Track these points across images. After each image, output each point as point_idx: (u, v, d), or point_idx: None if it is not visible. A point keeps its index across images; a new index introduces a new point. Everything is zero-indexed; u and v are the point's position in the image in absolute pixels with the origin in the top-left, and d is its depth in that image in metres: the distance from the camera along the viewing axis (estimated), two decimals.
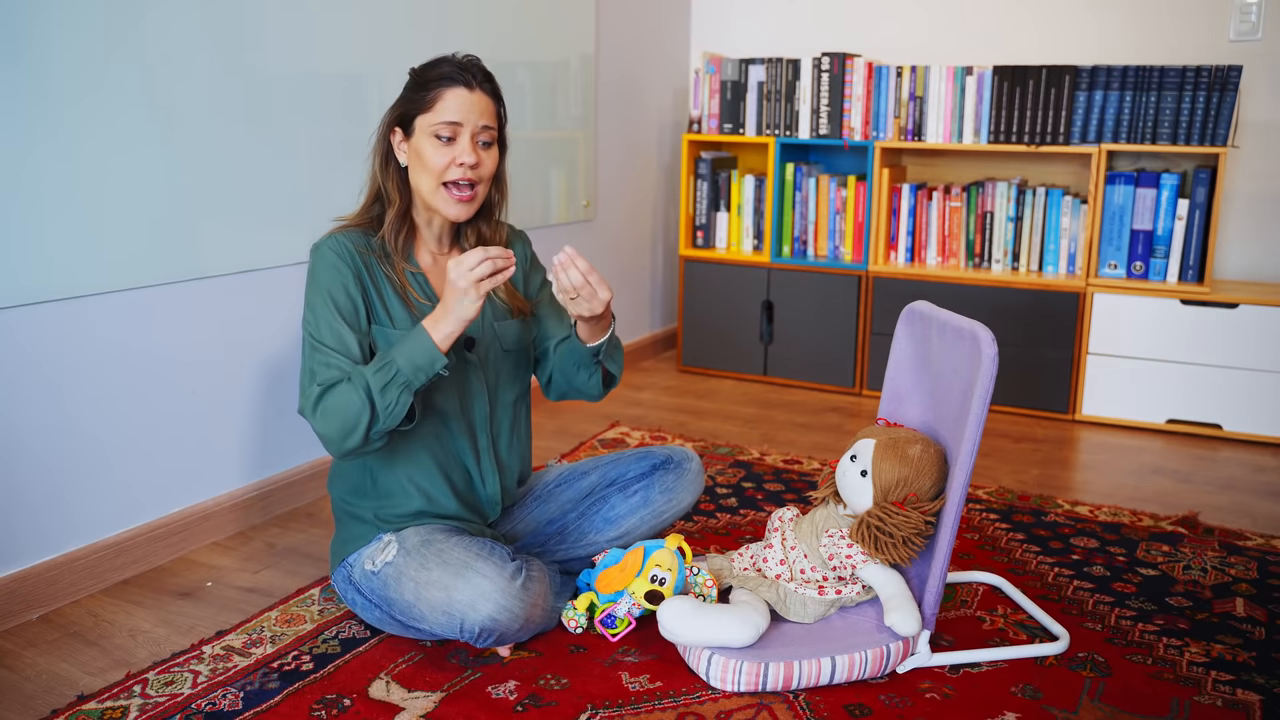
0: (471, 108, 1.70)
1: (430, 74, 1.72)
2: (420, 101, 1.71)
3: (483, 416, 1.82)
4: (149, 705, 1.55)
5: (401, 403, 1.59)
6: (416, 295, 1.75)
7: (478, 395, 1.81)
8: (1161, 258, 3.04)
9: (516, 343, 1.87)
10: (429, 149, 1.70)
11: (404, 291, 1.74)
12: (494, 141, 1.75)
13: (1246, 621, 1.86)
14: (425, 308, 1.75)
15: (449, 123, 1.69)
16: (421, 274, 1.78)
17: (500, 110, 1.77)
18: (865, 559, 1.68)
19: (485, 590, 1.59)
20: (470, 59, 1.74)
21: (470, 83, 1.71)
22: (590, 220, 3.42)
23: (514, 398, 1.88)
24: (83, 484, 1.94)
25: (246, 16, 2.13)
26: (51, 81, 1.79)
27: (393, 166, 1.77)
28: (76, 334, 1.90)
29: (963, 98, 3.21)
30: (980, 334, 1.62)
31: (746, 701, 1.58)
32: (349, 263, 1.70)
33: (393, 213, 1.75)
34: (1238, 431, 2.94)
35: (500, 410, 1.85)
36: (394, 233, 1.75)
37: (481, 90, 1.72)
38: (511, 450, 1.89)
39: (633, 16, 3.57)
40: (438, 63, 1.73)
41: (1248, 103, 3.10)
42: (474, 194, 1.73)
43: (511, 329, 1.85)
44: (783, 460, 2.71)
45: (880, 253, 3.37)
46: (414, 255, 1.79)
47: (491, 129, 1.73)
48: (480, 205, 1.79)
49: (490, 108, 1.73)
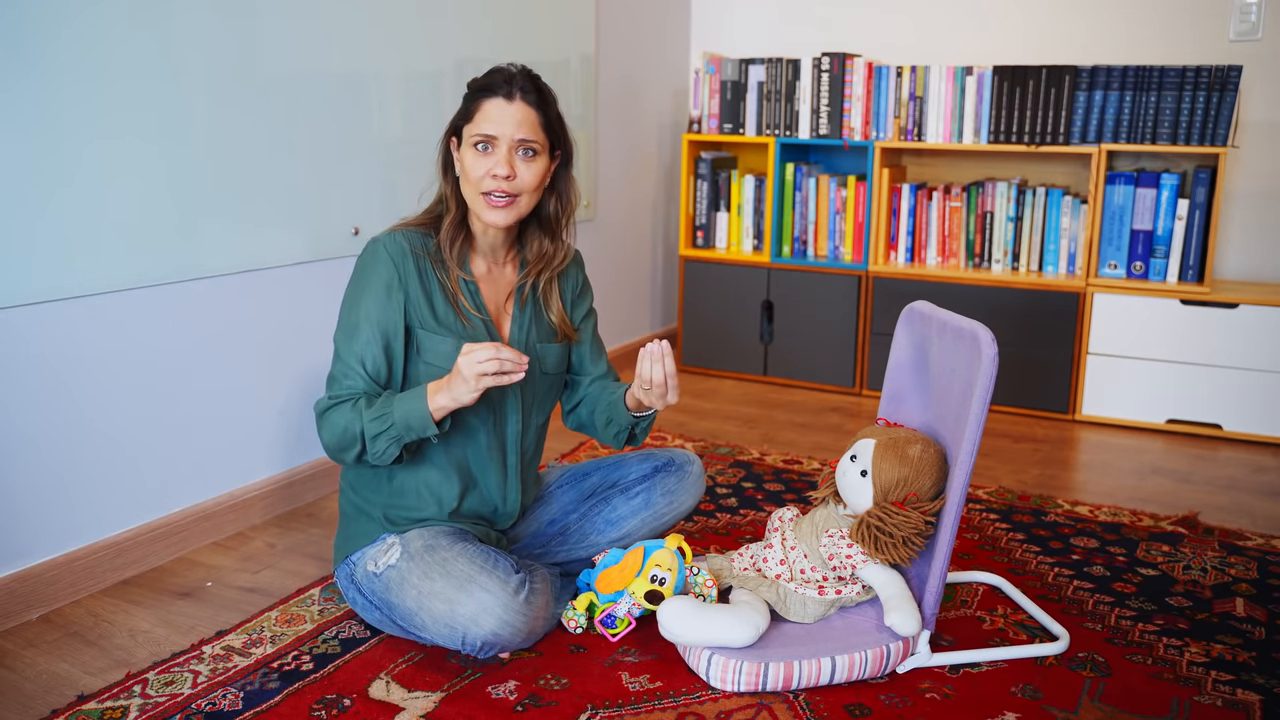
0: (508, 119, 1.68)
1: (476, 84, 1.74)
2: (465, 112, 1.73)
3: (515, 435, 1.82)
4: (149, 705, 1.55)
5: (389, 453, 1.64)
6: (467, 305, 1.75)
7: (512, 414, 1.80)
8: (1161, 258, 3.04)
9: (556, 366, 1.87)
10: (469, 158, 1.71)
11: (454, 299, 1.74)
12: (539, 152, 1.72)
13: (1246, 621, 1.86)
14: (474, 319, 1.75)
15: (483, 135, 1.69)
16: (474, 283, 1.78)
17: (546, 120, 1.73)
18: (865, 559, 1.68)
19: (489, 605, 1.59)
20: (517, 68, 1.74)
21: (511, 93, 1.69)
22: (590, 220, 3.42)
23: (545, 419, 1.89)
24: (83, 484, 1.94)
25: (246, 15, 2.13)
26: (52, 81, 1.79)
27: (451, 175, 1.78)
28: (77, 334, 1.89)
29: (963, 98, 3.21)
30: (980, 334, 1.62)
31: (746, 701, 1.58)
32: (400, 264, 1.71)
33: (449, 220, 1.76)
34: (1238, 431, 2.94)
35: (531, 430, 1.85)
36: (450, 240, 1.75)
37: (524, 101, 1.70)
38: (533, 470, 1.90)
39: (633, 16, 3.57)
40: (488, 73, 1.74)
41: (1248, 103, 3.10)
42: (512, 201, 1.71)
43: (553, 352, 1.85)
44: (783, 460, 2.71)
45: (880, 253, 3.37)
46: (469, 263, 1.79)
47: (532, 141, 1.70)
48: (528, 214, 1.77)
49: (532, 118, 1.70)
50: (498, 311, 1.81)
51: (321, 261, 2.37)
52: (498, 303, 1.81)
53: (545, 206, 1.82)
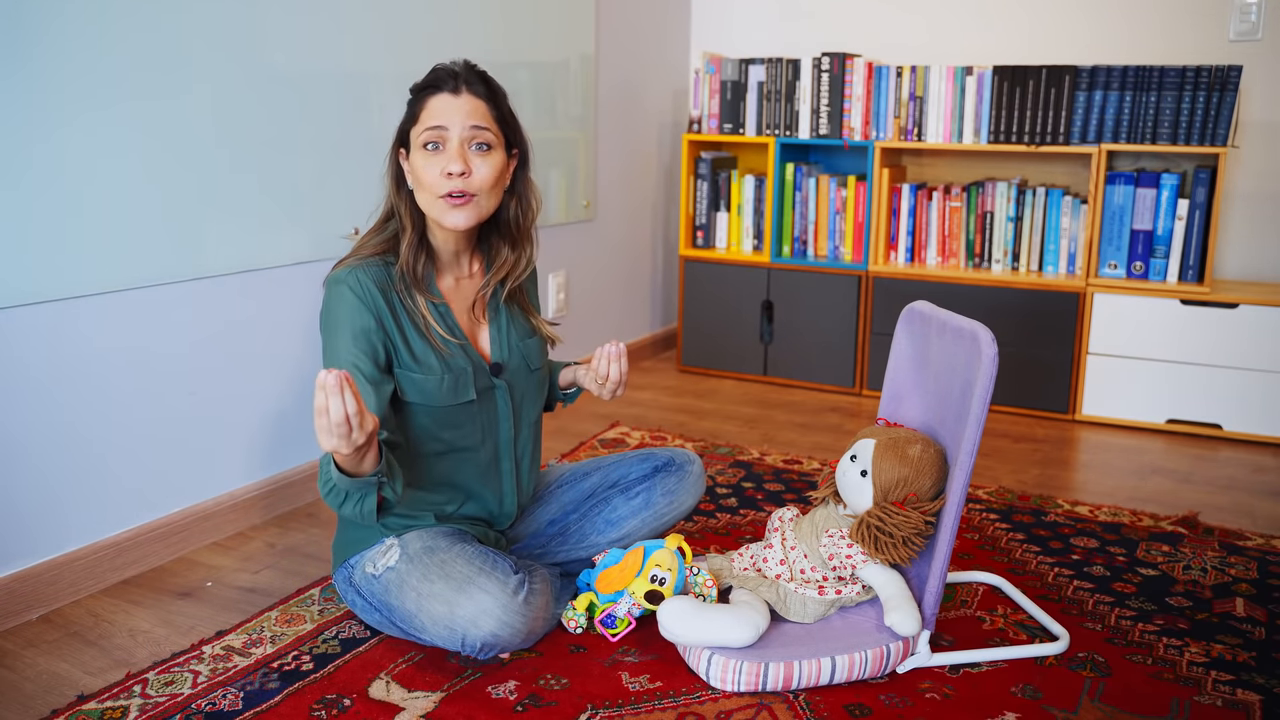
0: (456, 110, 1.62)
1: (419, 84, 1.67)
2: (411, 114, 1.67)
3: (508, 439, 1.80)
4: (149, 705, 1.55)
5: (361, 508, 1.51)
6: (441, 330, 1.68)
7: (504, 419, 1.78)
8: (1161, 258, 3.04)
9: (540, 359, 1.85)
10: (420, 162, 1.63)
11: (427, 328, 1.67)
12: (492, 146, 1.65)
13: (1246, 621, 1.86)
14: (451, 344, 1.69)
15: (432, 128, 1.62)
16: (444, 304, 1.72)
17: (497, 112, 1.67)
18: (865, 559, 1.68)
19: (488, 607, 1.58)
20: (459, 62, 1.67)
21: (457, 88, 1.63)
22: (590, 220, 3.42)
23: (536, 416, 1.87)
24: (83, 484, 1.94)
25: (247, 15, 2.13)
26: (50, 80, 1.79)
27: (404, 191, 1.70)
28: (77, 334, 1.89)
29: (963, 98, 3.21)
30: (980, 334, 1.62)
31: (746, 701, 1.58)
32: (370, 305, 1.62)
33: (406, 241, 1.67)
34: (1238, 431, 2.94)
35: (524, 430, 1.83)
36: (411, 263, 1.67)
37: (470, 93, 1.64)
38: (532, 468, 1.88)
39: (633, 17, 3.57)
40: (430, 72, 1.67)
41: (1248, 103, 3.10)
42: (470, 200, 1.64)
43: (535, 346, 1.83)
44: (783, 460, 2.71)
45: (880, 253, 3.37)
46: (435, 283, 1.73)
47: (484, 129, 1.63)
48: (488, 216, 1.69)
49: (481, 109, 1.64)
50: (472, 326, 1.77)
51: (322, 261, 2.37)
52: (472, 315, 1.77)
53: (505, 210, 1.74)
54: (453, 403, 1.70)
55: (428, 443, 1.72)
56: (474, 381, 1.72)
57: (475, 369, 1.73)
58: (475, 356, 1.74)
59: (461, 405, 1.72)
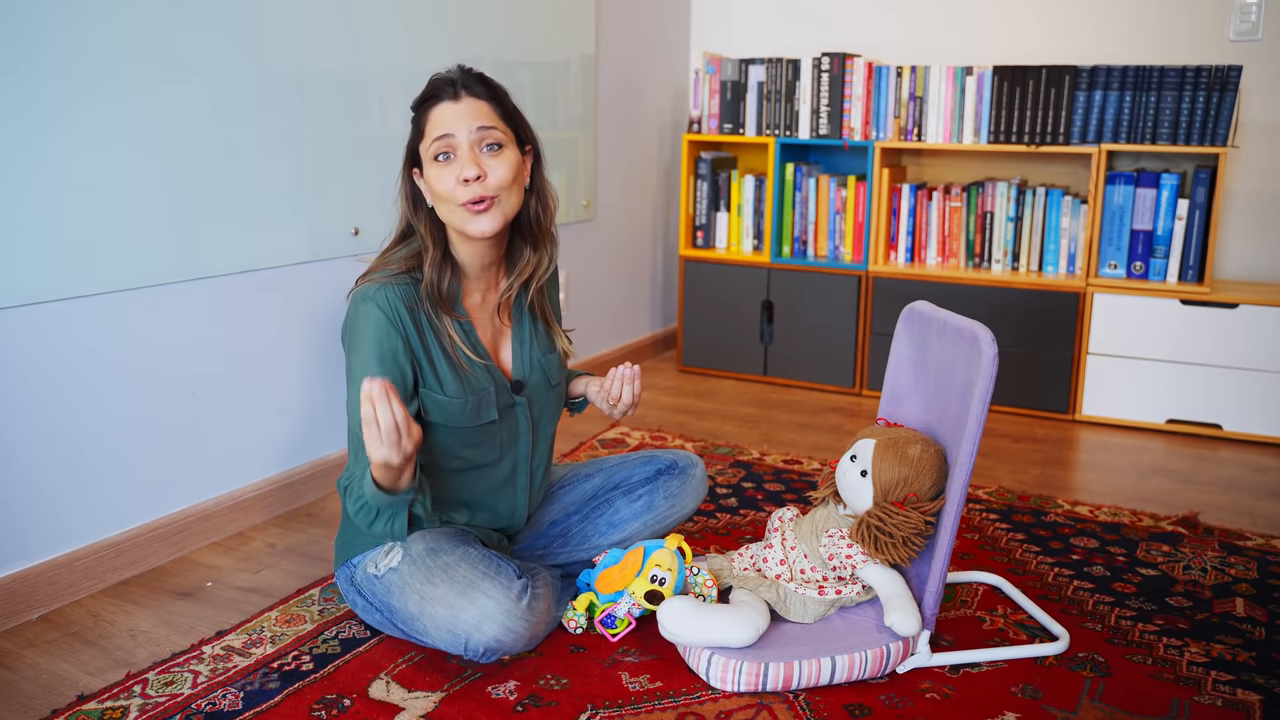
0: (460, 115, 1.60)
1: (418, 99, 1.66)
2: (416, 130, 1.65)
3: (525, 454, 1.80)
4: (149, 705, 1.55)
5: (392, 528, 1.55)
6: (466, 350, 1.66)
7: (523, 434, 1.78)
8: (1161, 258, 3.04)
9: (560, 374, 1.84)
10: (434, 174, 1.61)
11: (453, 348, 1.65)
12: (503, 144, 1.62)
13: (1246, 621, 1.86)
14: (475, 364, 1.67)
15: (439, 138, 1.59)
16: (468, 322, 1.69)
17: (501, 110, 1.65)
18: (865, 559, 1.68)
19: (491, 612, 1.58)
20: (454, 68, 1.65)
21: (456, 94, 1.61)
22: (590, 220, 3.42)
23: (553, 430, 1.87)
24: (83, 484, 1.94)
25: (248, 15, 2.13)
26: (49, 80, 1.79)
27: (423, 210, 1.67)
28: (77, 334, 1.89)
29: (963, 98, 3.21)
30: (980, 334, 1.62)
31: (746, 701, 1.58)
32: (398, 325, 1.60)
33: (430, 260, 1.64)
34: (1238, 431, 2.94)
35: (541, 445, 1.83)
36: (437, 282, 1.64)
37: (470, 96, 1.62)
38: (544, 479, 1.89)
39: (633, 16, 3.57)
40: (427, 84, 1.65)
41: (1248, 103, 3.10)
42: (493, 203, 1.60)
43: (555, 361, 1.82)
44: (783, 460, 2.71)
45: (880, 253, 3.37)
46: (460, 301, 1.70)
47: (492, 128, 1.61)
48: (513, 216, 1.65)
49: (485, 109, 1.62)
50: (495, 338, 1.76)
51: (322, 261, 2.37)
52: (496, 321, 1.76)
53: (526, 210, 1.71)
54: (475, 424, 1.70)
55: (447, 460, 1.71)
56: (496, 400, 1.72)
57: (497, 387, 1.72)
58: (498, 375, 1.73)
59: (483, 425, 1.72)
